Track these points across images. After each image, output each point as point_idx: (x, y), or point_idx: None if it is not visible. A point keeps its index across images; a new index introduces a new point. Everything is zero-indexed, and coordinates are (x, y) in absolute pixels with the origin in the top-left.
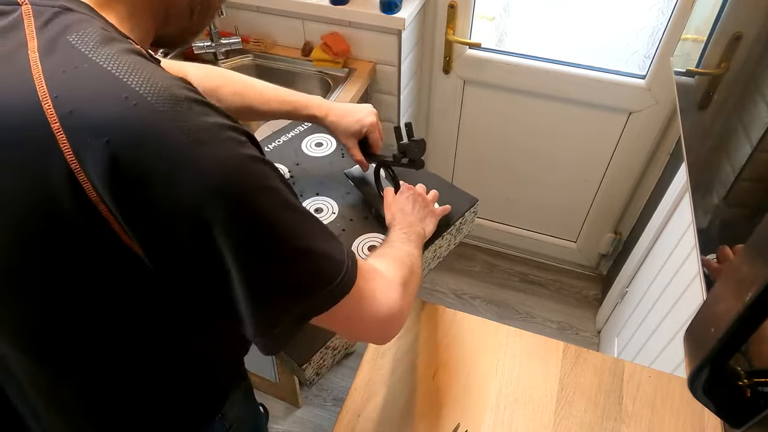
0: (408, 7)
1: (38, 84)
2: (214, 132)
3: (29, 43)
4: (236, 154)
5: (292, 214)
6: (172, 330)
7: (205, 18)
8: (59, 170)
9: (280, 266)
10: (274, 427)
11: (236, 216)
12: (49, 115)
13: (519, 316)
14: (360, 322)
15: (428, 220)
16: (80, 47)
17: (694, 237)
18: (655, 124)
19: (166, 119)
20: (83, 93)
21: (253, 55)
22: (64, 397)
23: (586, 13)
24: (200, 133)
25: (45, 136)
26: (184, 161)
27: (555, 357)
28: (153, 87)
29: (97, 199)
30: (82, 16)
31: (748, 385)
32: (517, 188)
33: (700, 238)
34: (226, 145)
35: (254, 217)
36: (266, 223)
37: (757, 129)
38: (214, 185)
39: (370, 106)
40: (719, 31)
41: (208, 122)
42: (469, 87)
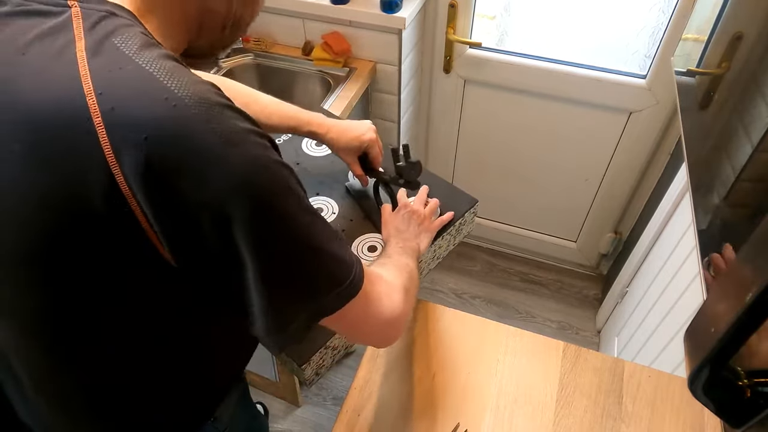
0: (408, 7)
1: (84, 81)
2: (244, 135)
3: (77, 42)
4: (263, 156)
5: (309, 216)
6: (179, 330)
7: (236, 33)
8: (97, 163)
9: (296, 265)
10: (274, 426)
11: (257, 214)
12: (92, 110)
13: (519, 315)
14: (365, 324)
15: (423, 236)
16: (124, 50)
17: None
18: (656, 124)
19: (202, 121)
20: (126, 92)
21: (253, 54)
22: (66, 393)
23: (587, 12)
24: (231, 135)
25: (87, 130)
26: (215, 160)
27: (555, 357)
28: (190, 90)
29: (129, 193)
30: (126, 21)
31: (748, 385)
32: (517, 188)
33: (701, 238)
34: (253, 148)
35: (274, 217)
36: (285, 223)
37: (757, 129)
38: (239, 183)
39: (370, 123)
40: (720, 31)
41: (238, 126)
42: (469, 86)
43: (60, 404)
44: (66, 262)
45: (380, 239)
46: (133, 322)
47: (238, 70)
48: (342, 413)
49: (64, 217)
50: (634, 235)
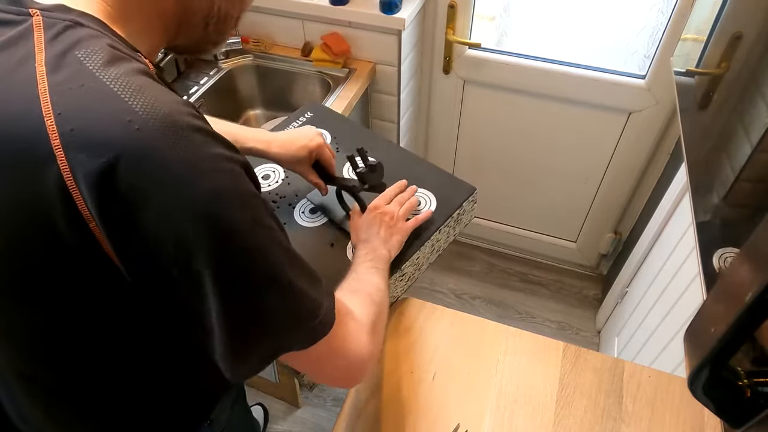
0: (408, 8)
1: (43, 99)
2: (212, 163)
3: (37, 55)
4: (231, 187)
5: (278, 250)
6: (159, 342)
7: (223, 29)
8: (55, 186)
9: (259, 301)
10: (273, 427)
11: (221, 248)
12: (50, 131)
13: (519, 316)
14: (329, 365)
15: (394, 239)
16: (87, 64)
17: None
18: (655, 124)
19: (167, 147)
20: (87, 112)
21: (252, 55)
22: (57, 402)
23: (586, 13)
24: (198, 163)
25: (44, 152)
26: (179, 189)
27: (555, 357)
28: (157, 112)
29: (89, 217)
30: (93, 31)
31: (748, 385)
32: (517, 188)
33: (701, 238)
34: (222, 177)
35: (239, 251)
36: (250, 257)
37: (757, 129)
38: (202, 215)
39: (313, 128)
40: (719, 31)
41: (207, 153)
42: (469, 87)
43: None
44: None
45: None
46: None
47: (238, 71)
48: (342, 414)
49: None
50: (633, 236)
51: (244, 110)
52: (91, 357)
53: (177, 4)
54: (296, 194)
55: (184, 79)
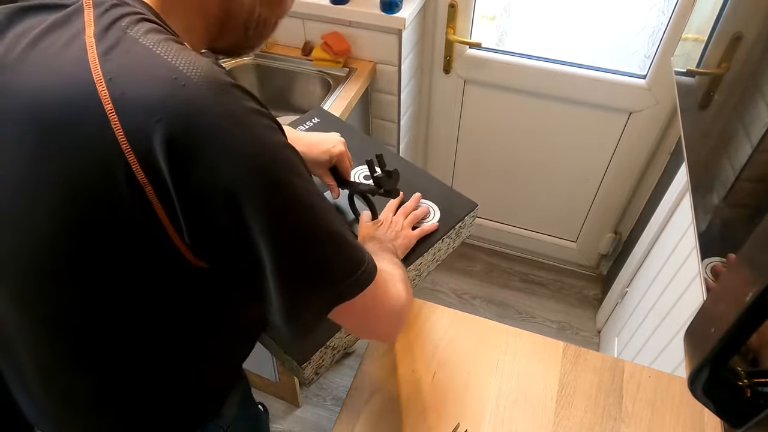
0: (408, 7)
1: (93, 67)
2: (252, 117)
3: (87, 29)
4: (271, 139)
5: (320, 201)
6: (183, 329)
7: (262, 34)
8: (112, 151)
9: (311, 249)
10: (274, 426)
11: (268, 196)
12: (102, 96)
13: (519, 315)
14: (376, 314)
15: (399, 242)
16: (131, 33)
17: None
18: (656, 124)
19: (211, 101)
20: (135, 75)
21: (253, 55)
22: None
23: (587, 12)
24: (240, 117)
25: (99, 117)
26: (225, 143)
27: (555, 357)
28: (199, 69)
29: (144, 180)
30: (135, 8)
31: (748, 385)
32: (517, 188)
33: (701, 238)
34: (262, 130)
35: (285, 199)
36: (296, 205)
37: (757, 129)
38: (249, 167)
39: (338, 136)
40: (720, 31)
41: (246, 107)
42: (469, 87)
43: (67, 400)
44: (84, 254)
45: None
46: (144, 317)
47: (238, 70)
48: (342, 414)
49: (80, 208)
50: (634, 236)
51: None
52: (113, 349)
53: (219, 7)
54: None
55: None
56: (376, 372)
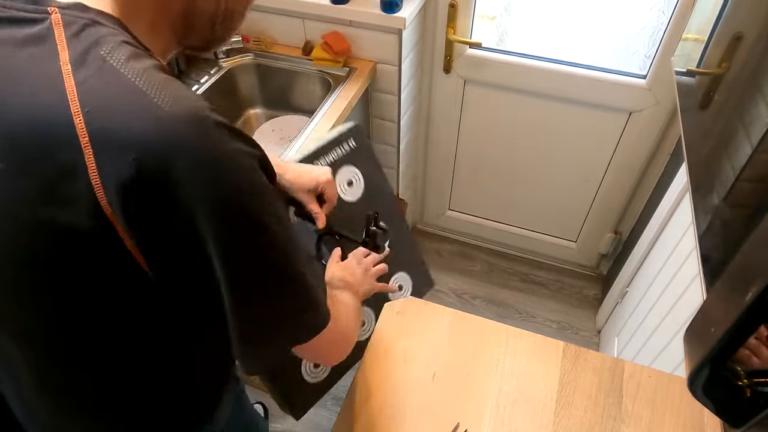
0: (408, 7)
1: (71, 97)
2: (233, 157)
3: (60, 53)
4: (249, 180)
5: (289, 245)
6: (169, 334)
7: (230, 26)
8: (83, 185)
9: (270, 288)
10: (274, 426)
11: (236, 240)
12: (79, 129)
13: (519, 315)
14: (326, 351)
15: (365, 287)
16: (111, 61)
17: (694, 237)
18: (656, 124)
19: (192, 141)
20: (115, 109)
21: (253, 54)
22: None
23: (587, 12)
24: (220, 156)
25: (73, 149)
26: (201, 182)
27: (555, 357)
28: (181, 108)
29: (112, 216)
30: (111, 29)
31: (748, 385)
32: (517, 188)
33: (701, 238)
34: (240, 171)
35: (253, 242)
36: (263, 249)
37: (757, 129)
38: (223, 208)
39: (327, 168)
40: (720, 31)
41: (228, 147)
42: (469, 86)
43: (58, 404)
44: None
45: None
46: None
47: (238, 70)
48: (342, 413)
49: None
50: (634, 236)
51: (244, 109)
52: (101, 353)
53: (182, 5)
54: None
55: (184, 77)
56: (376, 372)
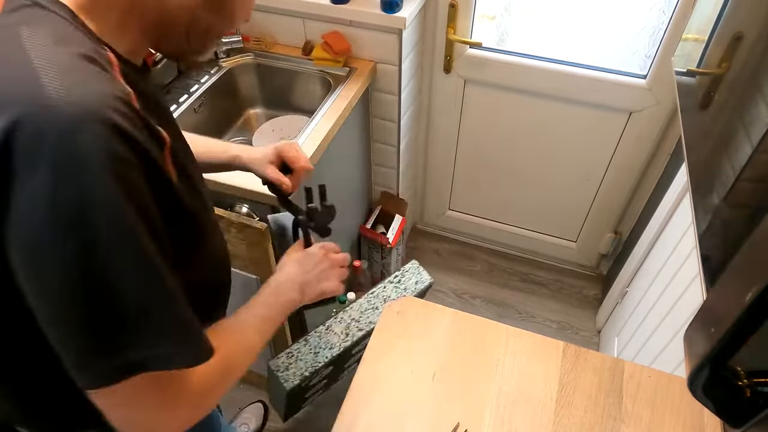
0: (409, 7)
1: None
2: (102, 161)
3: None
4: (102, 198)
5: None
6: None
7: (205, 42)
8: None
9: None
10: (272, 426)
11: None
12: None
13: (519, 315)
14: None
15: (320, 286)
16: (24, 39)
17: (694, 237)
18: (656, 124)
19: (62, 132)
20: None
21: (253, 54)
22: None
23: (587, 12)
24: (85, 158)
25: None
26: (47, 182)
27: (555, 356)
28: (72, 97)
29: None
30: (51, 14)
31: (748, 385)
32: (517, 188)
33: (701, 238)
34: (99, 183)
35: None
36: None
37: (757, 129)
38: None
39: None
40: (720, 31)
41: (103, 148)
42: (469, 86)
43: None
44: None
45: None
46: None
47: (238, 69)
48: (342, 413)
49: None
50: (634, 236)
51: (244, 109)
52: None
53: (156, 13)
54: None
55: (184, 77)
56: (376, 372)
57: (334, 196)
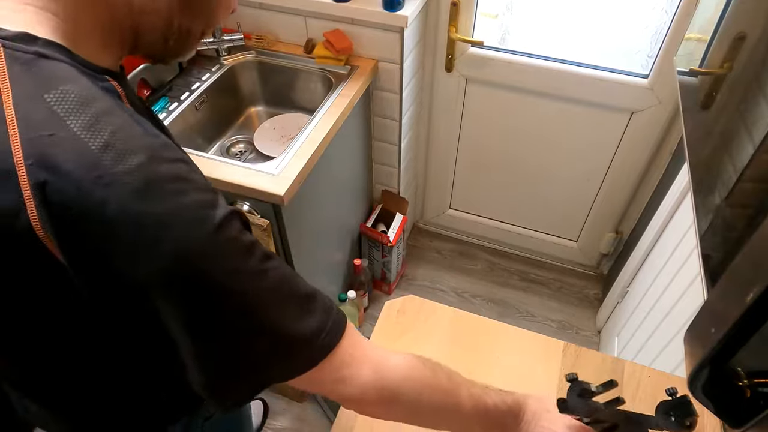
0: (410, 5)
1: (14, 146)
2: (185, 212)
3: (3, 94)
4: (200, 238)
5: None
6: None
7: (185, 44)
8: (25, 233)
9: (229, 342)
10: (273, 423)
11: (190, 301)
12: (22, 181)
13: (519, 314)
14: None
15: None
16: (57, 110)
17: (695, 237)
18: (658, 124)
19: (136, 201)
20: (56, 164)
21: (255, 52)
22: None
23: (590, 11)
24: (168, 216)
25: (15, 200)
26: (146, 241)
27: (555, 356)
28: (129, 164)
29: (64, 265)
30: (59, 64)
31: (748, 385)
32: (518, 187)
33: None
34: (192, 227)
35: (206, 297)
36: (217, 302)
37: (759, 129)
38: (169, 270)
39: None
40: (723, 31)
41: (180, 203)
42: (471, 85)
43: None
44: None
45: None
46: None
47: (240, 67)
48: (341, 411)
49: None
50: (635, 235)
51: (245, 107)
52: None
53: (131, 21)
54: None
55: (186, 74)
56: None
57: (334, 195)
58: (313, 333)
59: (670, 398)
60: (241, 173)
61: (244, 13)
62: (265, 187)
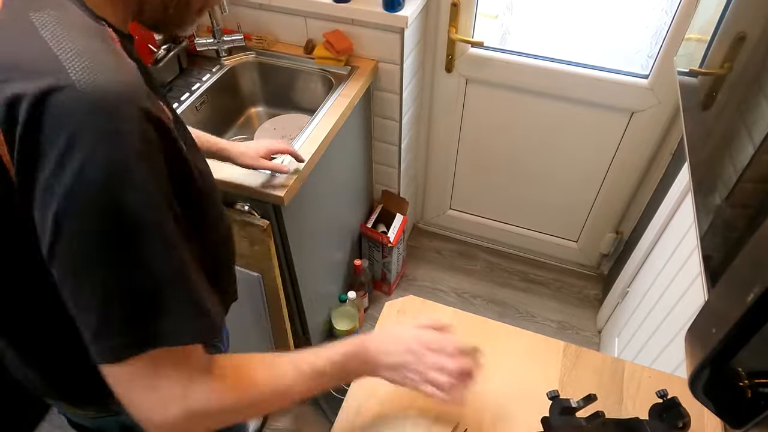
0: (411, 5)
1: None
2: (121, 141)
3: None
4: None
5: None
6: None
7: (184, 14)
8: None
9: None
10: (273, 423)
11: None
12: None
13: (519, 315)
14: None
15: (427, 375)
16: (37, 25)
17: (695, 237)
18: (658, 124)
19: (84, 112)
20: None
21: (255, 53)
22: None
23: (590, 12)
24: (106, 139)
25: None
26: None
27: (555, 356)
28: (91, 77)
29: (9, 164)
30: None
31: (749, 385)
32: (518, 187)
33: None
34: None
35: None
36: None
37: (760, 130)
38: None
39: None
40: (723, 31)
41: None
42: (471, 86)
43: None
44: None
45: None
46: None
47: (240, 68)
48: (342, 412)
49: None
50: (635, 235)
51: (246, 107)
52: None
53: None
54: None
55: (186, 75)
56: None
57: (334, 195)
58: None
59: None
60: (241, 173)
61: (244, 13)
62: (265, 187)
